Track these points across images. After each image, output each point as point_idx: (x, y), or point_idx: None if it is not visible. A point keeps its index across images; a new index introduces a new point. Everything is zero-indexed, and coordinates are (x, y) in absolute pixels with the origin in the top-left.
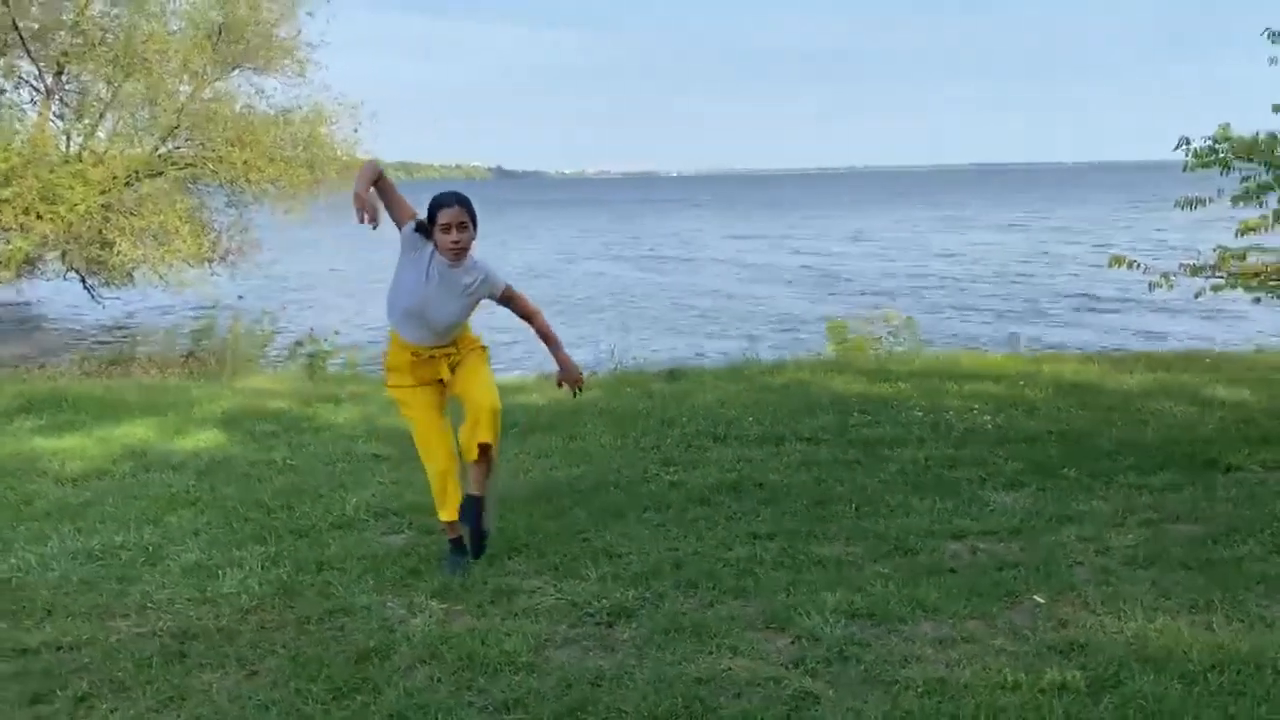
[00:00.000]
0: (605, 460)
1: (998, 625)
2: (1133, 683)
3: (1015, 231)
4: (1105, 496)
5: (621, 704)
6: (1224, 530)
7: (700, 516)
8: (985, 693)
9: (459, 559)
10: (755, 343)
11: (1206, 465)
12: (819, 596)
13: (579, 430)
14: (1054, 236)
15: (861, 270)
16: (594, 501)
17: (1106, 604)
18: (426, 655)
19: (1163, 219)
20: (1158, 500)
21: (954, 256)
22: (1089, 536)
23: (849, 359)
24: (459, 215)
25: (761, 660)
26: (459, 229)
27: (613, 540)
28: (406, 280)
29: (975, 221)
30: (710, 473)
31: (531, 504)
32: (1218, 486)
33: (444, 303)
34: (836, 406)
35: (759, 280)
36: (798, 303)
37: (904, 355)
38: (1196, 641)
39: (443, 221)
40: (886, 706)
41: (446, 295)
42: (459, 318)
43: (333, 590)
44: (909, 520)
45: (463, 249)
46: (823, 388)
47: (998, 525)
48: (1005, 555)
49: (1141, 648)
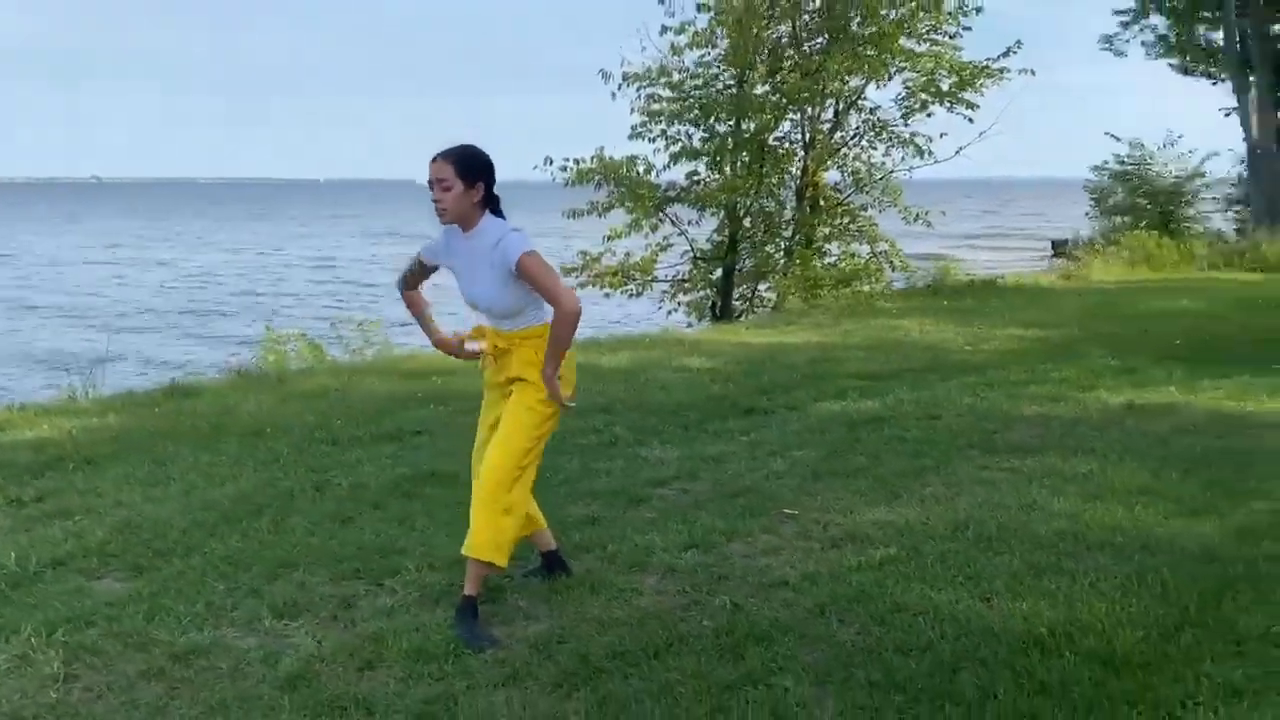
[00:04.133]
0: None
1: (782, 533)
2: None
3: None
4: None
5: None
6: (828, 453)
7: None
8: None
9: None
10: None
11: (747, 412)
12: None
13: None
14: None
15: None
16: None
17: (824, 505)
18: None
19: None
20: (766, 438)
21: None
22: (741, 469)
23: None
24: (438, 170)
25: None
26: (439, 186)
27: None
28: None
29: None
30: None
31: None
32: (791, 421)
33: (476, 274)
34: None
35: None
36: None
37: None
38: (886, 520)
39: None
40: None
41: (475, 264)
42: (497, 294)
43: None
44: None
45: (444, 209)
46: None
47: (686, 470)
48: (698, 493)
49: (875, 525)
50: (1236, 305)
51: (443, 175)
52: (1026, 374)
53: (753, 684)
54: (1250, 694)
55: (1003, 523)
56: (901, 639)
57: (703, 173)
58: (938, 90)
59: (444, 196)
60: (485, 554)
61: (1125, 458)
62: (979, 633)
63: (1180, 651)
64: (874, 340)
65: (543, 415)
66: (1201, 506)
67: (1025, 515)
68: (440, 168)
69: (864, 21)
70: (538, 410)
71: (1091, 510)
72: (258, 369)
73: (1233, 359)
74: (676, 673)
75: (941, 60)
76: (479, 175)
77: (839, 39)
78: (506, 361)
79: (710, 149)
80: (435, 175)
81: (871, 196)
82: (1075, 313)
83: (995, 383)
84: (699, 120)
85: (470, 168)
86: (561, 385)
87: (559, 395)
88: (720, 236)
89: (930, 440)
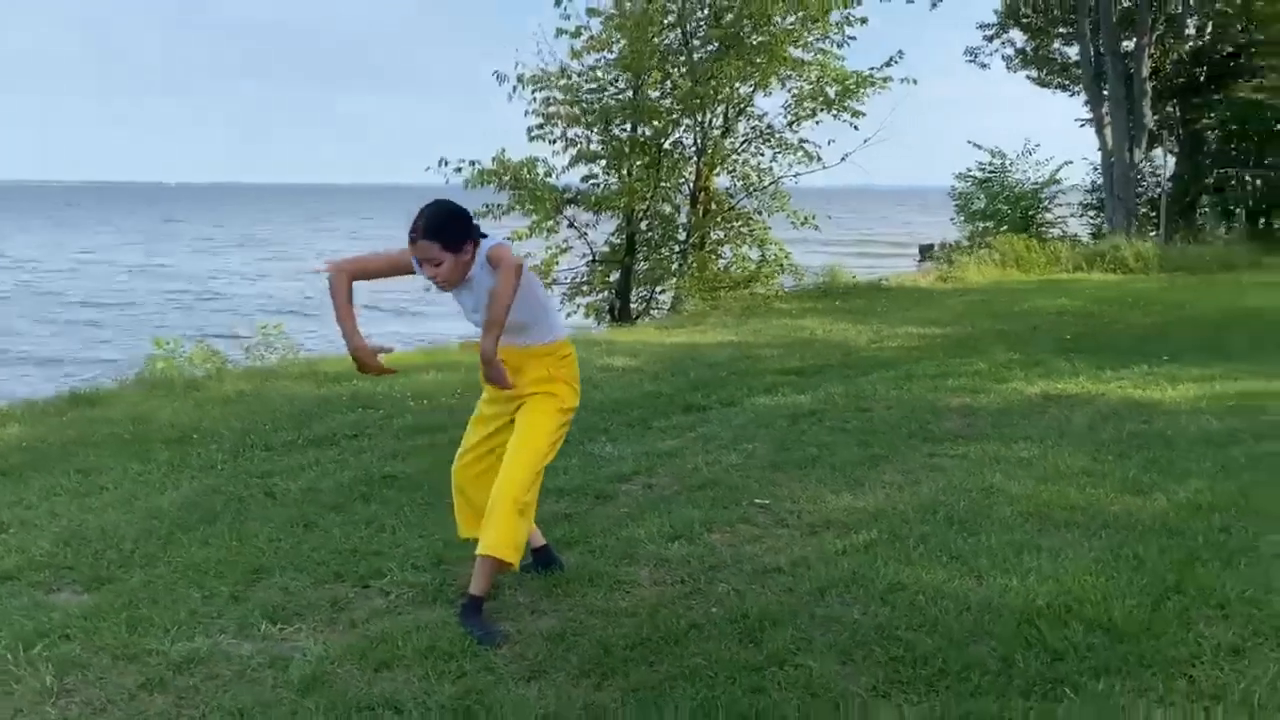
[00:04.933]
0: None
1: (759, 522)
2: (863, 535)
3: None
4: (666, 436)
5: None
6: (778, 445)
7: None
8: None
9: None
10: None
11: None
12: None
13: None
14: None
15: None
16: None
17: (791, 495)
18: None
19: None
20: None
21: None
22: (699, 462)
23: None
24: (424, 251)
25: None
26: (429, 265)
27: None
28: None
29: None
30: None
31: None
32: (733, 416)
33: (480, 299)
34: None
35: None
36: None
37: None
38: (856, 507)
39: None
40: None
41: (477, 290)
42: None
43: None
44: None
45: (443, 282)
46: None
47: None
48: (662, 488)
49: (846, 511)
50: (1109, 303)
51: (430, 255)
52: (939, 368)
53: (778, 664)
54: (1247, 651)
55: (968, 506)
56: (908, 617)
57: (600, 176)
58: (826, 99)
59: (438, 272)
60: (504, 553)
61: (1061, 443)
62: (980, 608)
63: (1172, 617)
64: (783, 339)
65: (561, 420)
66: (1146, 485)
67: (987, 498)
68: (426, 249)
69: (753, 31)
70: (555, 416)
71: (1047, 492)
72: (162, 375)
73: (1122, 351)
74: (701, 658)
75: (827, 70)
76: (464, 236)
77: (729, 47)
78: (517, 380)
79: (608, 152)
80: (422, 256)
81: (760, 201)
82: (962, 312)
83: (913, 376)
84: (594, 124)
85: (454, 235)
86: (566, 391)
87: (503, 377)
88: (618, 239)
89: (871, 431)
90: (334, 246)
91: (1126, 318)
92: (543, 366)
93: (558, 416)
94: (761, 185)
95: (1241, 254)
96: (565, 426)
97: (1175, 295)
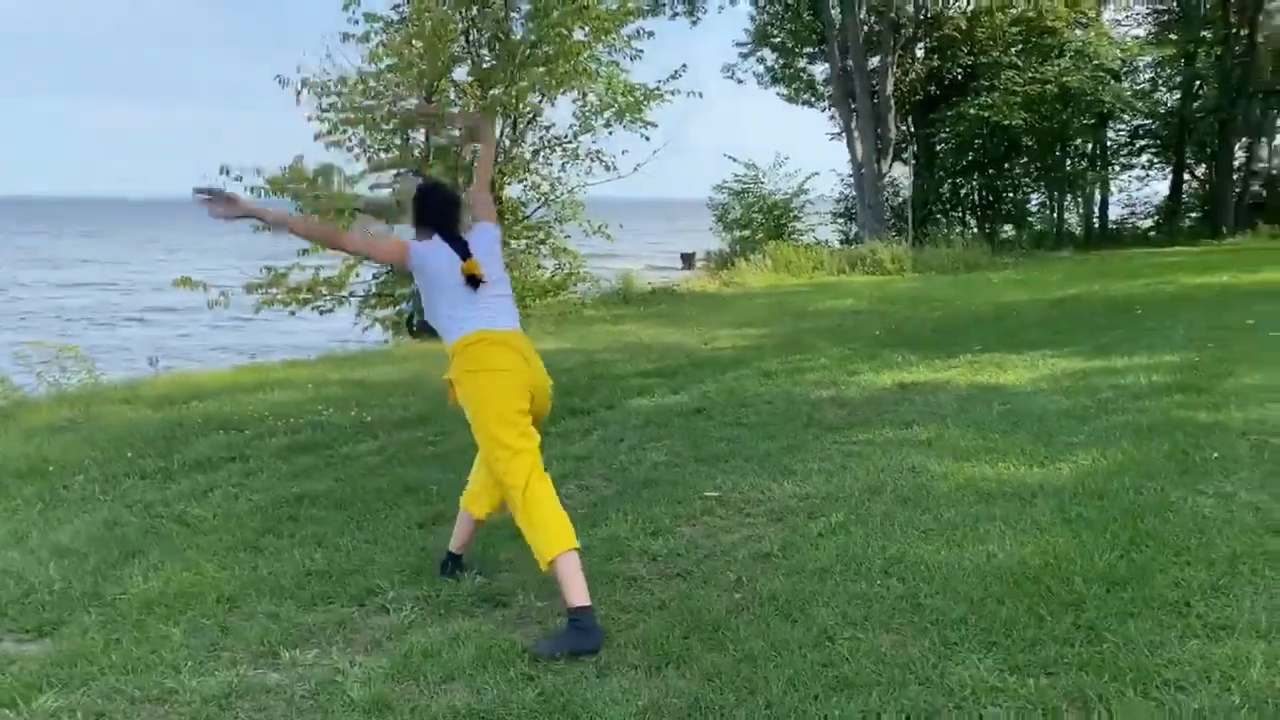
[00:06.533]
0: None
1: (720, 514)
2: (831, 518)
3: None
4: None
5: None
6: (688, 442)
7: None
8: (782, 549)
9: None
10: None
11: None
12: None
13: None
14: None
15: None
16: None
17: (733, 486)
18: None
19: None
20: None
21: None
22: (623, 463)
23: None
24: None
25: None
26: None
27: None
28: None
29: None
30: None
31: None
32: (624, 419)
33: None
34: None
35: None
36: None
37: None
38: (802, 493)
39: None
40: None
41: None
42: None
43: None
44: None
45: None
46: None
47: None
48: (602, 488)
49: (795, 498)
50: (890, 301)
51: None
52: (785, 365)
53: (829, 640)
54: (1226, 590)
55: (907, 485)
56: (920, 586)
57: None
58: (619, 109)
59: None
60: (552, 553)
61: (947, 425)
62: (976, 573)
63: (1147, 566)
64: (617, 344)
65: (474, 411)
66: (1045, 457)
67: (917, 477)
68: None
69: (539, 43)
70: (470, 412)
71: (966, 468)
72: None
73: (934, 344)
74: (758, 639)
75: (614, 82)
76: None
77: (513, 57)
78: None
79: (407, 160)
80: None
81: (553, 211)
82: (766, 314)
83: (769, 373)
84: (393, 132)
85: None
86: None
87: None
88: None
89: (766, 424)
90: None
91: (916, 314)
92: (454, 366)
93: (470, 409)
94: (554, 195)
95: (979, 255)
96: (489, 405)
97: (943, 293)
